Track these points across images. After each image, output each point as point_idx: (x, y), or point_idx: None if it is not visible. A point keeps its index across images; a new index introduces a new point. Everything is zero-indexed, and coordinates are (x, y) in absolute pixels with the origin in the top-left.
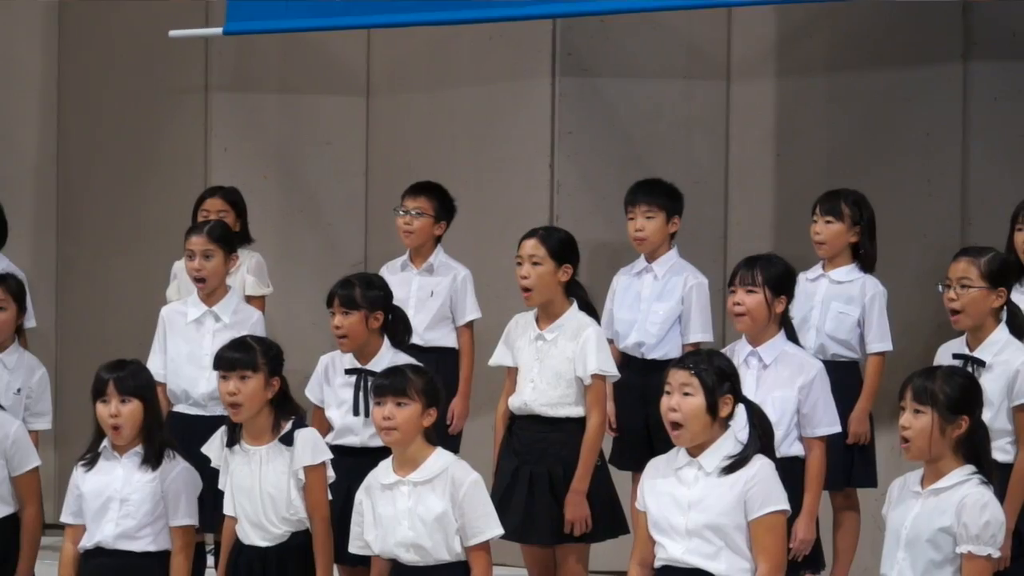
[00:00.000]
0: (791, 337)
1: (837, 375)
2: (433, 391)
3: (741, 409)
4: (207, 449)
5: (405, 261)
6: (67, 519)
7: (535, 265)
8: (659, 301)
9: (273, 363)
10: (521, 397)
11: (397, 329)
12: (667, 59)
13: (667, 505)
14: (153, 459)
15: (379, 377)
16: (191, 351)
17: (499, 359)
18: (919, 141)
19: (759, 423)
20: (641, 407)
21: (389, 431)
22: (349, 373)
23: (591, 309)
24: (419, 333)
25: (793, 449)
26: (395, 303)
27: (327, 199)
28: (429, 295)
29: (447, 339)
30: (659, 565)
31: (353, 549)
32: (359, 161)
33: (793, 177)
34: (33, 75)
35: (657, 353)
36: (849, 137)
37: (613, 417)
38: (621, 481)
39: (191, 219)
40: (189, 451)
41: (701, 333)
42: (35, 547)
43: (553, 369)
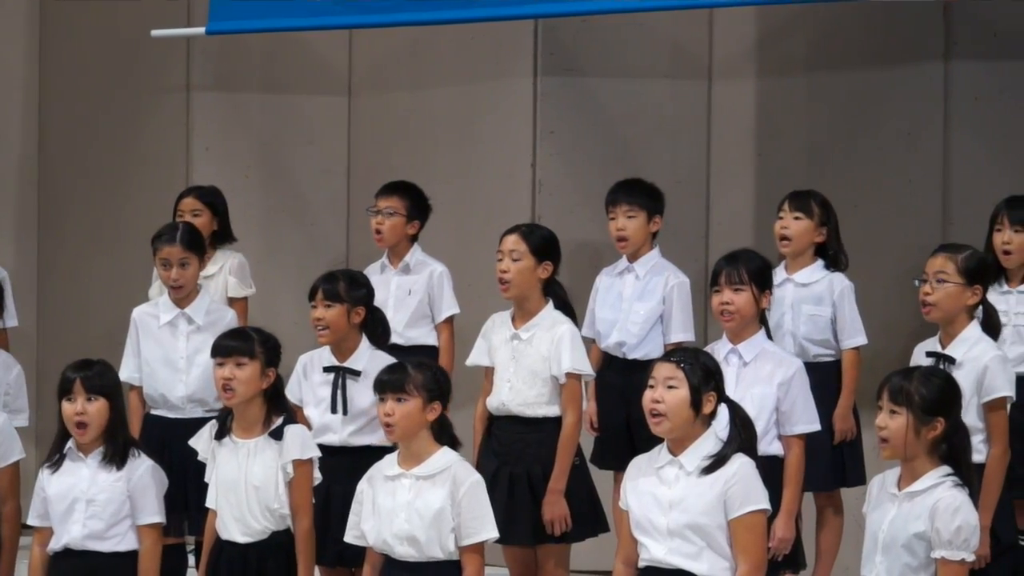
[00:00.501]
0: (767, 335)
1: (820, 375)
2: (436, 385)
3: (723, 410)
4: (195, 442)
5: (384, 263)
6: (34, 521)
7: (515, 260)
8: (640, 301)
9: (270, 354)
10: (498, 397)
11: (376, 330)
12: (648, 58)
13: (649, 505)
14: (118, 458)
15: (380, 373)
16: (165, 355)
17: (476, 359)
18: (900, 140)
19: (741, 423)
20: (622, 407)
21: (389, 427)
22: (327, 371)
23: (568, 308)
24: (399, 332)
25: (772, 448)
26: (376, 304)
27: (309, 198)
28: (407, 294)
29: (427, 337)
30: (642, 566)
31: (349, 538)
32: (341, 160)
33: (774, 176)
34: (14, 74)
35: (638, 353)
36: (830, 136)
37: (594, 416)
38: (602, 480)
39: (172, 219)
40: (168, 454)
41: (683, 333)
42: (16, 542)
43: (529, 368)
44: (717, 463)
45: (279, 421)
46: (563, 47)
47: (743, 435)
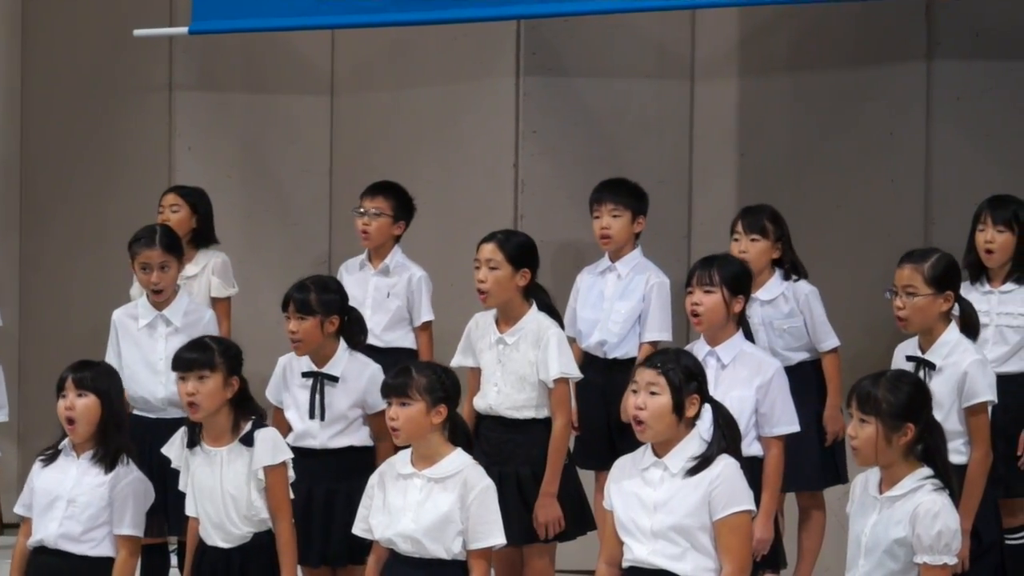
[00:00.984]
0: (748, 337)
1: (800, 375)
2: (441, 388)
3: (707, 409)
4: (167, 450)
5: (363, 260)
6: (20, 511)
7: (492, 270)
8: (621, 300)
9: (232, 363)
10: (486, 400)
11: (353, 331)
12: (631, 58)
13: (633, 506)
14: (107, 461)
15: (387, 378)
16: (144, 357)
17: (460, 360)
18: (882, 140)
19: (724, 423)
20: (603, 406)
21: (395, 431)
22: (306, 376)
23: (553, 312)
24: (377, 334)
25: (752, 449)
26: (352, 303)
27: (292, 198)
28: (386, 296)
29: (405, 340)
30: (626, 566)
31: (357, 531)
32: (323, 160)
33: (757, 176)
34: None
35: (619, 352)
36: (813, 136)
37: (575, 416)
38: (583, 480)
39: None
40: (150, 454)
41: (659, 332)
42: None
43: (516, 373)
44: (702, 464)
45: (248, 426)
46: (546, 47)
47: (727, 435)
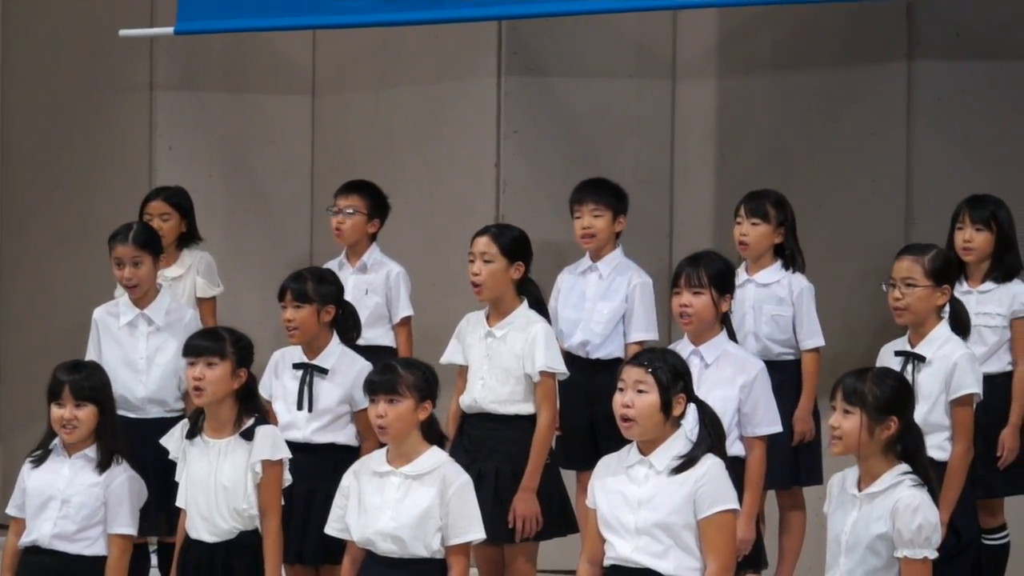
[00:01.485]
0: (731, 336)
1: (782, 374)
2: (426, 385)
3: (692, 408)
4: (166, 440)
5: (342, 260)
6: (12, 511)
7: (487, 263)
8: (604, 300)
9: (242, 354)
10: (471, 395)
11: (346, 325)
12: (612, 58)
13: (617, 503)
14: (103, 462)
15: (371, 374)
16: (125, 355)
17: (450, 357)
18: (863, 140)
19: (710, 422)
20: (586, 406)
21: (383, 429)
22: (296, 367)
23: (543, 307)
24: None
25: (735, 449)
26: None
27: (273, 197)
28: (364, 293)
29: (385, 337)
30: (608, 564)
31: (331, 531)
32: (305, 160)
33: (738, 176)
34: None
35: (601, 352)
36: (794, 136)
37: (557, 416)
38: (565, 480)
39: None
40: (129, 454)
41: (644, 332)
42: None
43: (502, 366)
44: (687, 463)
45: (250, 422)
46: (527, 47)
47: (712, 434)
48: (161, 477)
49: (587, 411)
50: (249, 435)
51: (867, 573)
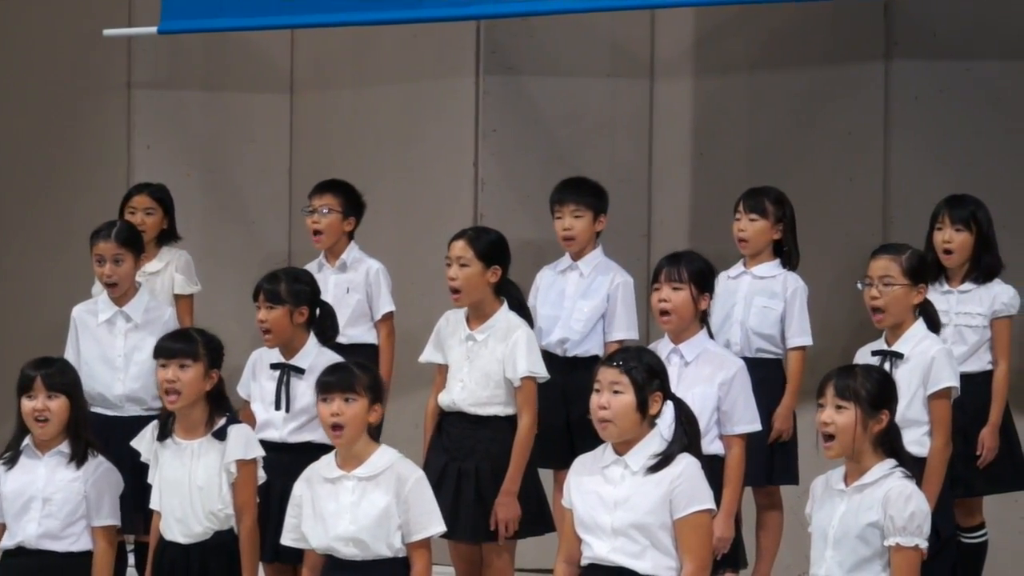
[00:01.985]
0: (709, 335)
1: (762, 372)
2: (378, 387)
3: (668, 406)
4: (137, 443)
5: (321, 261)
6: None
7: (463, 267)
8: (584, 299)
9: (213, 355)
10: (450, 395)
11: (324, 325)
12: (591, 58)
13: (593, 503)
14: (78, 457)
15: (324, 374)
16: (103, 352)
17: (429, 356)
18: (841, 140)
19: (686, 420)
20: (562, 405)
21: (337, 428)
22: (274, 368)
23: (524, 310)
24: (339, 330)
25: (713, 447)
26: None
27: (251, 196)
28: (345, 291)
29: (367, 335)
30: (585, 563)
31: (286, 541)
32: (283, 158)
33: (716, 176)
34: None
35: (579, 350)
36: (771, 136)
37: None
38: (541, 479)
39: (118, 216)
40: (106, 452)
41: (626, 331)
42: None
43: (482, 370)
44: (663, 462)
45: (222, 422)
46: (505, 46)
47: (688, 432)
48: (138, 475)
49: (563, 410)
50: (221, 435)
51: (856, 563)
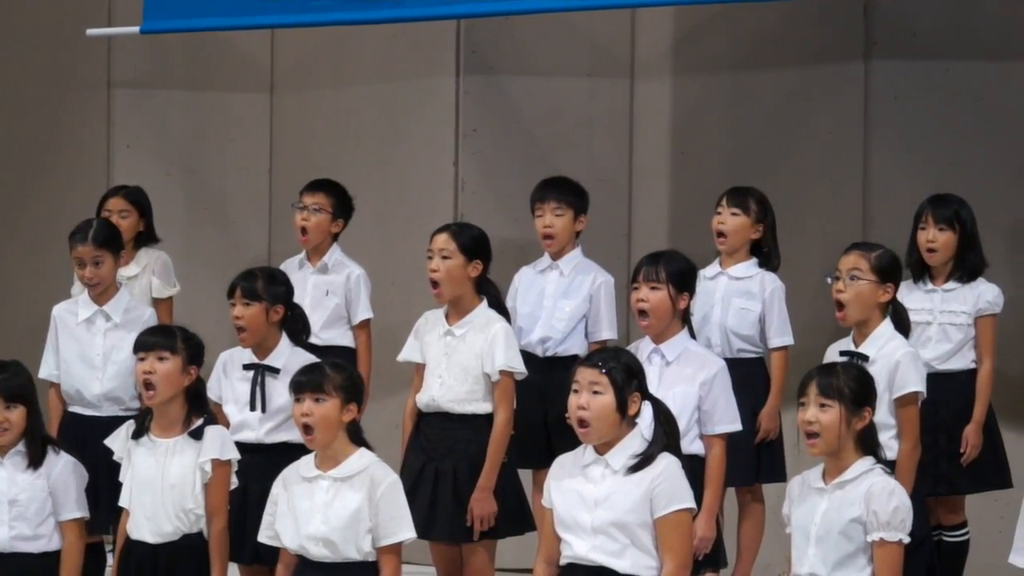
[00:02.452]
0: (691, 334)
1: (742, 372)
2: (352, 386)
3: (647, 406)
4: (110, 441)
5: (302, 259)
6: None
7: (445, 259)
8: (565, 298)
9: (192, 351)
10: (429, 393)
11: (296, 327)
12: (571, 57)
13: (574, 502)
14: (38, 457)
15: (297, 374)
16: (82, 351)
17: (408, 355)
18: (821, 140)
19: (665, 420)
20: (540, 404)
21: (308, 428)
22: (247, 368)
23: (502, 307)
24: (315, 332)
25: (694, 447)
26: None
27: (231, 196)
28: (324, 294)
29: (344, 338)
30: (564, 563)
31: (262, 538)
32: (263, 158)
33: (696, 175)
34: None
35: (560, 349)
36: (752, 135)
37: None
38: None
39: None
40: (84, 452)
41: (608, 331)
42: None
43: (460, 365)
44: (643, 462)
45: (199, 422)
46: (485, 46)
47: (668, 432)
48: (115, 474)
49: (541, 409)
50: (198, 435)
51: (840, 559)
